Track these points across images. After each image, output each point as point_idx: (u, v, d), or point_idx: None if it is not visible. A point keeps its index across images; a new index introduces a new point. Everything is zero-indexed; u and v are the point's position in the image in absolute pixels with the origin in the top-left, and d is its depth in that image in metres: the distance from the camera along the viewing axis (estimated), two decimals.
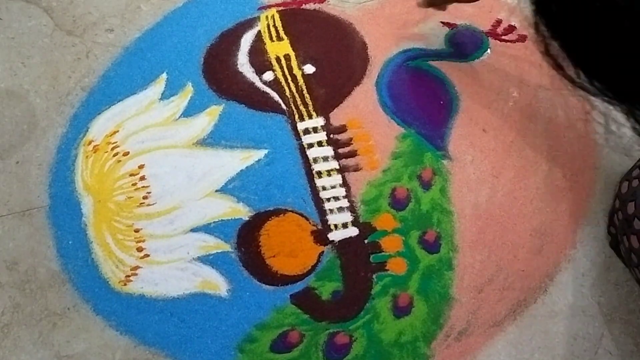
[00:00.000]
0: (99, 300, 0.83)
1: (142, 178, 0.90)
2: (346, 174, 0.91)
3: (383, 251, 0.87)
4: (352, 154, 0.92)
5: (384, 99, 0.96)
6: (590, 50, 0.51)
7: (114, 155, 0.91)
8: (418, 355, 0.82)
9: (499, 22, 1.03)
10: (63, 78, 0.96)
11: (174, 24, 1.01)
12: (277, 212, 0.88)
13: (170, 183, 0.90)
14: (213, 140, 0.92)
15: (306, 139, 0.92)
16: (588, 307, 0.86)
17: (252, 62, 0.98)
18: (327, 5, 1.03)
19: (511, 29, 1.02)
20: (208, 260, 0.85)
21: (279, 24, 1.01)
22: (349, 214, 0.88)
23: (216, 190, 0.89)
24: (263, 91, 0.96)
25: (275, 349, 0.81)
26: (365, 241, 0.87)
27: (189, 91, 0.95)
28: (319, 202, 0.89)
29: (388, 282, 0.85)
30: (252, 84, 0.96)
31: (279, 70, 0.97)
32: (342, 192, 0.90)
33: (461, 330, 0.83)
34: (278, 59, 0.98)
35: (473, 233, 0.88)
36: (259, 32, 1.00)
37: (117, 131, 0.93)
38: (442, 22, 1.03)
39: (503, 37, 1.02)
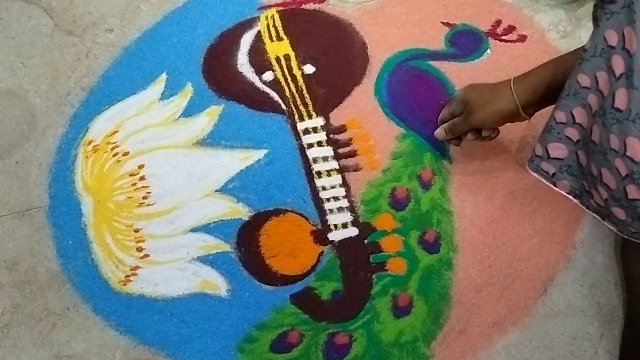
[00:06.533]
0: (99, 300, 0.83)
1: (142, 178, 0.90)
2: (346, 174, 0.91)
3: (383, 251, 0.87)
4: (352, 154, 0.92)
5: (384, 99, 0.96)
6: None
7: (114, 155, 0.91)
8: (418, 355, 0.82)
9: (499, 22, 1.03)
10: (63, 78, 0.96)
11: (174, 24, 1.01)
12: (277, 212, 0.88)
13: (170, 183, 0.90)
14: (213, 140, 0.92)
15: (306, 139, 0.92)
16: (588, 307, 0.85)
17: (252, 62, 0.98)
18: (327, 5, 1.03)
19: (511, 29, 1.02)
20: (208, 260, 0.85)
21: (278, 24, 1.01)
22: (349, 214, 0.88)
23: (216, 190, 0.89)
24: (263, 91, 0.96)
25: (275, 349, 0.81)
26: (365, 241, 0.87)
27: (188, 91, 0.95)
28: (318, 202, 0.89)
29: (388, 282, 0.85)
30: (252, 84, 0.96)
31: (279, 70, 0.97)
32: (342, 192, 0.90)
33: (461, 330, 0.83)
34: (278, 59, 0.98)
35: (473, 233, 0.88)
36: (259, 32, 1.00)
37: (117, 131, 0.93)
38: (442, 22, 1.03)
39: (503, 37, 1.02)
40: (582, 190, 0.70)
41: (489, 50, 1.00)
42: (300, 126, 0.93)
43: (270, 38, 1.00)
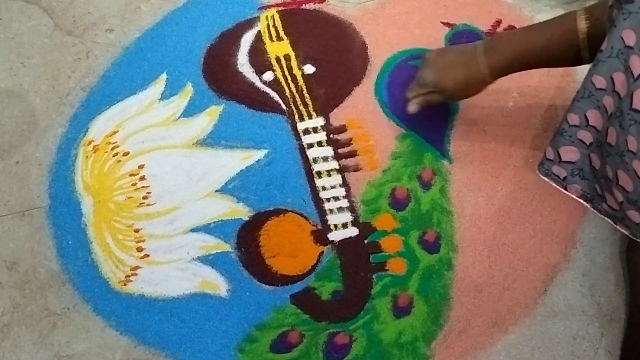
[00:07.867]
0: (99, 300, 0.83)
1: (142, 178, 0.90)
2: (346, 174, 0.91)
3: (383, 251, 0.87)
4: (352, 154, 0.92)
5: (384, 99, 0.96)
6: None
7: (114, 156, 0.91)
8: (418, 355, 0.82)
9: (499, 22, 1.03)
10: (63, 78, 0.96)
11: (174, 24, 1.01)
12: (277, 212, 0.88)
13: (170, 183, 0.90)
14: (213, 140, 0.92)
15: (306, 139, 0.92)
16: (588, 307, 0.86)
17: (252, 62, 0.98)
18: (327, 5, 1.03)
19: (511, 29, 1.02)
20: (208, 260, 0.85)
21: (278, 24, 1.01)
22: (349, 214, 0.88)
23: (216, 190, 0.89)
24: (263, 91, 0.96)
25: (275, 349, 0.82)
26: (365, 241, 0.87)
27: (188, 91, 0.95)
28: (318, 202, 0.89)
29: (388, 282, 0.85)
30: (252, 84, 0.96)
31: (279, 70, 0.97)
32: (342, 192, 0.90)
33: (461, 330, 0.83)
34: (278, 59, 0.98)
35: (473, 233, 0.88)
36: (259, 32, 1.00)
37: (117, 131, 0.93)
38: (442, 22, 1.03)
39: None
40: (594, 193, 0.69)
41: None
42: (301, 126, 0.93)
43: (270, 38, 1.00)
